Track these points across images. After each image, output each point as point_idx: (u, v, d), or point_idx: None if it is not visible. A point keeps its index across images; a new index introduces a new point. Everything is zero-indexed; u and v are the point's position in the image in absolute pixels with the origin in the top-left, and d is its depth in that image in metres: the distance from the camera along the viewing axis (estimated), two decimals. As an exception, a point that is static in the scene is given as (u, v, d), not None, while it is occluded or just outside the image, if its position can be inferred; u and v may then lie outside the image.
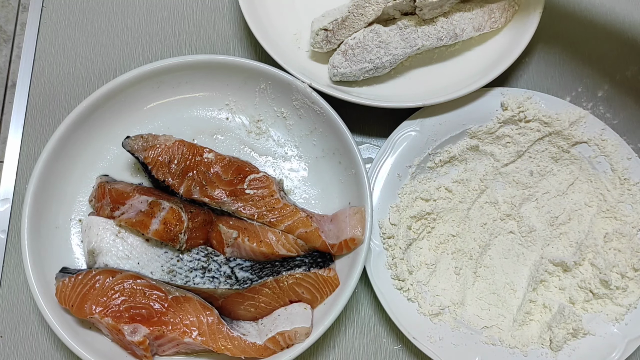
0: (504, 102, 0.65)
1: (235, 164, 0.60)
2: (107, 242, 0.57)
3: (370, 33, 0.63)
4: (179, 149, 0.59)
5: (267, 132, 0.66)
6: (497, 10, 0.67)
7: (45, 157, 0.59)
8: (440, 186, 0.64)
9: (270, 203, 0.58)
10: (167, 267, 0.57)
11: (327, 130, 0.62)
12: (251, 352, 0.55)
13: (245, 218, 0.58)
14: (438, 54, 0.68)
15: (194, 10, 0.74)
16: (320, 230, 0.58)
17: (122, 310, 0.54)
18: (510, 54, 0.65)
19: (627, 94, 0.71)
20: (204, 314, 0.55)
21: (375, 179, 0.63)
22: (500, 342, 0.59)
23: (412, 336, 0.58)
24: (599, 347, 0.58)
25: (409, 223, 0.62)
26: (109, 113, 0.63)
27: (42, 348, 0.62)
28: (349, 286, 0.56)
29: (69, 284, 0.55)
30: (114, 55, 0.72)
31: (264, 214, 0.58)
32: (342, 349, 0.62)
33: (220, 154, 0.60)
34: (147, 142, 0.59)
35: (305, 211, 0.60)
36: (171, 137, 0.60)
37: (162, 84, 0.64)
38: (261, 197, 0.58)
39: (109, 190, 0.59)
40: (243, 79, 0.64)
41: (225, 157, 0.60)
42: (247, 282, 0.56)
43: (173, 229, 0.56)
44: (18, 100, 0.70)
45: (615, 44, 0.73)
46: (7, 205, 0.66)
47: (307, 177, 0.64)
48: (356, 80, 0.66)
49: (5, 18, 1.45)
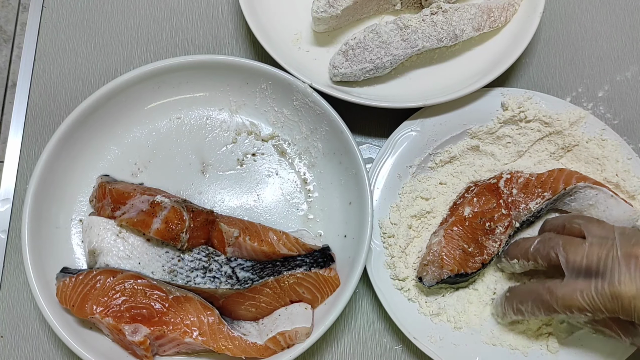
0: (504, 102, 0.65)
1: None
2: (108, 242, 0.57)
3: (371, 33, 0.63)
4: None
5: (267, 132, 0.66)
6: (496, 10, 0.67)
7: (45, 157, 0.59)
8: (438, 183, 0.64)
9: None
10: (168, 267, 0.57)
11: (328, 130, 0.62)
12: (252, 352, 0.55)
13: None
14: (438, 54, 0.68)
15: (194, 10, 0.74)
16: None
17: (123, 310, 0.54)
18: (510, 54, 0.65)
19: (627, 94, 0.71)
20: (204, 314, 0.55)
21: (376, 179, 0.63)
22: (500, 342, 0.59)
23: (413, 336, 0.58)
24: (599, 347, 0.58)
25: (409, 222, 0.62)
26: (110, 113, 0.63)
27: (42, 348, 0.62)
28: (349, 286, 0.56)
29: (70, 284, 0.55)
30: (115, 55, 0.72)
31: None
32: (342, 349, 0.62)
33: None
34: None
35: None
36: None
37: (162, 84, 0.64)
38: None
39: (110, 190, 0.59)
40: (243, 79, 0.64)
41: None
42: (248, 282, 0.56)
43: (175, 228, 0.56)
44: (18, 101, 0.70)
45: (615, 44, 0.73)
46: (8, 205, 0.66)
47: (307, 177, 0.64)
48: (356, 80, 0.66)
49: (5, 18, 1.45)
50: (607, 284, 0.46)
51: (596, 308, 0.47)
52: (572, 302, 0.48)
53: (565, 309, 0.49)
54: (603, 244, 0.48)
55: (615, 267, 0.46)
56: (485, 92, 0.66)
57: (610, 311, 0.47)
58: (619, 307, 0.46)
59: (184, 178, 0.64)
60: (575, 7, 0.75)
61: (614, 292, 0.46)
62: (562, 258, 0.50)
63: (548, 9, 0.74)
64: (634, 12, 0.74)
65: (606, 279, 0.47)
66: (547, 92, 0.69)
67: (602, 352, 0.58)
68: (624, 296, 0.46)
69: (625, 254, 0.47)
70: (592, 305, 0.47)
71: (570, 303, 0.49)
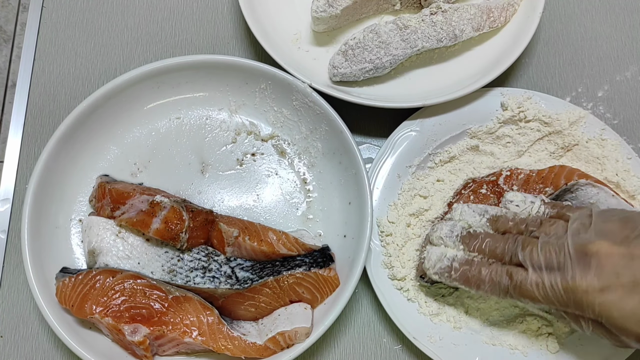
0: (504, 102, 0.65)
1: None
2: (108, 242, 0.57)
3: (370, 33, 0.63)
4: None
5: (267, 132, 0.66)
6: (496, 10, 0.67)
7: (45, 157, 0.59)
8: (435, 181, 0.64)
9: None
10: (167, 267, 0.57)
11: (327, 130, 0.62)
12: (251, 352, 0.55)
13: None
14: (438, 54, 0.68)
15: (194, 10, 0.74)
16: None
17: (123, 310, 0.54)
18: (510, 54, 0.65)
19: (626, 94, 0.71)
20: (204, 313, 0.55)
21: (376, 179, 0.63)
22: (500, 342, 0.59)
23: (413, 336, 0.58)
24: (599, 347, 0.58)
25: (407, 220, 0.62)
26: (109, 113, 0.63)
27: (42, 348, 0.62)
28: (349, 286, 0.56)
29: (69, 284, 0.55)
30: (114, 55, 0.72)
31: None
32: (342, 349, 0.62)
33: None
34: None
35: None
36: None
37: (162, 84, 0.64)
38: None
39: (110, 190, 0.59)
40: (243, 79, 0.64)
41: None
42: (247, 282, 0.56)
43: (174, 228, 0.56)
44: (18, 100, 0.70)
45: (615, 44, 0.73)
46: (7, 205, 0.66)
47: (307, 177, 0.64)
48: (356, 80, 0.66)
49: (5, 18, 1.45)
50: (560, 279, 0.48)
51: (549, 301, 0.49)
52: (527, 292, 0.50)
53: (520, 296, 0.51)
54: (556, 243, 0.50)
55: (568, 264, 0.48)
56: (484, 92, 0.66)
57: (563, 305, 0.49)
58: (571, 302, 0.48)
59: (184, 178, 0.64)
60: (575, 7, 0.74)
61: (567, 287, 0.48)
62: (521, 256, 0.51)
63: (548, 9, 0.74)
64: (634, 12, 0.74)
65: (560, 274, 0.48)
66: (547, 92, 0.69)
67: (602, 352, 0.58)
68: (576, 291, 0.47)
69: (576, 251, 0.48)
70: (546, 298, 0.49)
71: (526, 293, 0.50)
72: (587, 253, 0.48)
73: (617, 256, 0.47)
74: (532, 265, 0.50)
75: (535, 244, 0.51)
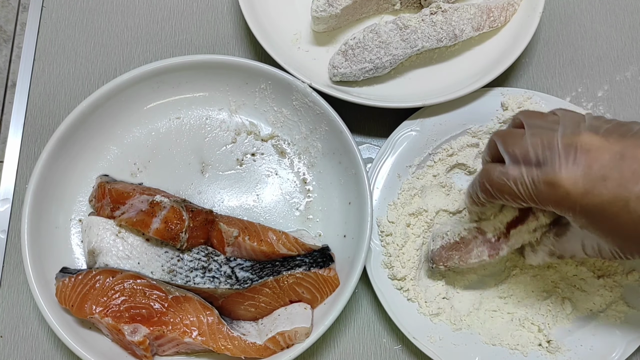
0: (504, 102, 0.65)
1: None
2: (108, 242, 0.57)
3: (370, 33, 0.63)
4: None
5: (267, 132, 0.66)
6: (496, 10, 0.67)
7: (45, 157, 0.59)
8: (432, 176, 0.64)
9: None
10: (167, 267, 0.57)
11: (327, 130, 0.62)
12: (251, 352, 0.55)
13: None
14: (438, 54, 0.68)
15: (194, 10, 0.74)
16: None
17: (122, 310, 0.54)
18: (510, 54, 0.65)
19: (626, 94, 0.71)
20: (204, 313, 0.55)
21: (375, 179, 0.63)
22: (500, 342, 0.59)
23: (412, 336, 0.58)
24: (598, 347, 0.58)
25: (407, 220, 0.62)
26: (109, 113, 0.63)
27: (42, 348, 0.62)
28: (349, 286, 0.56)
29: (69, 284, 0.55)
30: (114, 55, 0.72)
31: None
32: (342, 349, 0.62)
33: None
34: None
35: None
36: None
37: (162, 84, 0.64)
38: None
39: (109, 190, 0.59)
40: (243, 79, 0.64)
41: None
42: (247, 282, 0.56)
43: (174, 228, 0.56)
44: (18, 100, 0.70)
45: (615, 44, 0.73)
46: (7, 205, 0.66)
47: (306, 177, 0.64)
48: (356, 80, 0.66)
49: (5, 18, 1.45)
50: (542, 172, 0.45)
51: (528, 196, 0.46)
52: (504, 187, 0.47)
53: (497, 192, 0.48)
54: (544, 134, 0.46)
55: (555, 156, 0.45)
56: (485, 92, 0.66)
57: (542, 201, 0.46)
58: (552, 196, 0.45)
59: (184, 178, 0.64)
60: (575, 7, 0.74)
61: (549, 179, 0.44)
62: (501, 146, 0.48)
63: (548, 9, 0.74)
64: (634, 12, 0.74)
65: (544, 167, 0.45)
66: (547, 92, 0.69)
67: (602, 352, 0.58)
68: (559, 184, 0.44)
69: (565, 144, 0.45)
70: (525, 192, 0.46)
71: (503, 188, 0.47)
72: (577, 147, 0.44)
73: (607, 153, 0.43)
74: (512, 157, 0.47)
75: (521, 134, 0.47)
